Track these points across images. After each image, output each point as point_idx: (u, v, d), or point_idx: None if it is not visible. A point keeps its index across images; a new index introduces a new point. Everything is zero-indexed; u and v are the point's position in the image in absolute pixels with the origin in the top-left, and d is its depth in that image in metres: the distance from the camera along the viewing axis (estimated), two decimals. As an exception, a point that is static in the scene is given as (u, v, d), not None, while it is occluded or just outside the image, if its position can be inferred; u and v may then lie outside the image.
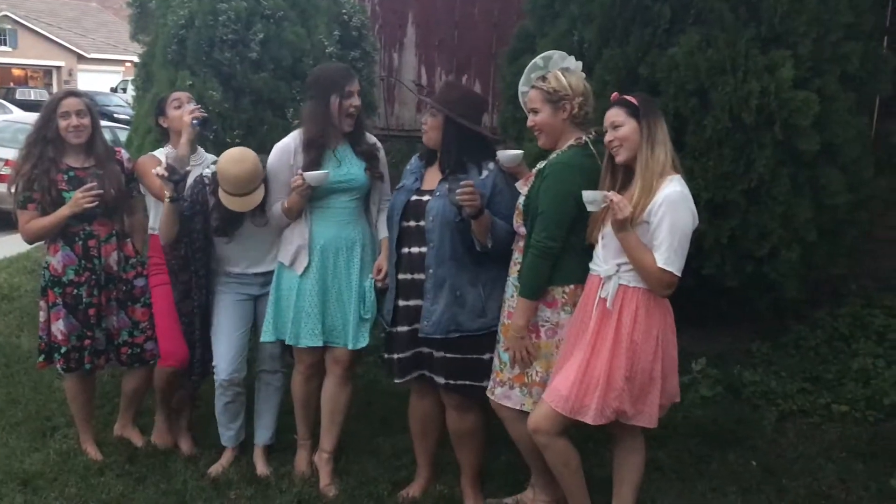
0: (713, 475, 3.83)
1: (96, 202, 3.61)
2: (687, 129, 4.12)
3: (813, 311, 4.96)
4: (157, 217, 3.82)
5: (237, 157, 3.48)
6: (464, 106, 3.34)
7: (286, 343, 3.69)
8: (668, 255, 2.84)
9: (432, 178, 3.42)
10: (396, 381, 3.49)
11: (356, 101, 3.53)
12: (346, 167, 3.58)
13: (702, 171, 4.08)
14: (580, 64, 3.24)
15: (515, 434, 3.29)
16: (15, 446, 3.99)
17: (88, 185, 3.62)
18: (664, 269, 2.85)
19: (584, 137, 3.14)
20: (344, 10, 5.61)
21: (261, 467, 3.84)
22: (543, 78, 3.16)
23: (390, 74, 7.51)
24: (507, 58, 5.25)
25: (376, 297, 3.61)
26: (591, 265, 3.05)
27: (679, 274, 2.88)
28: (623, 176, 3.00)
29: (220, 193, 3.52)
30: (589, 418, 2.94)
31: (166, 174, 3.47)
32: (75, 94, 3.79)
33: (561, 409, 2.96)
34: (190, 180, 3.68)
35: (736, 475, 3.83)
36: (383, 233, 3.62)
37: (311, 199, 3.55)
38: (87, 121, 3.71)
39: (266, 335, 3.70)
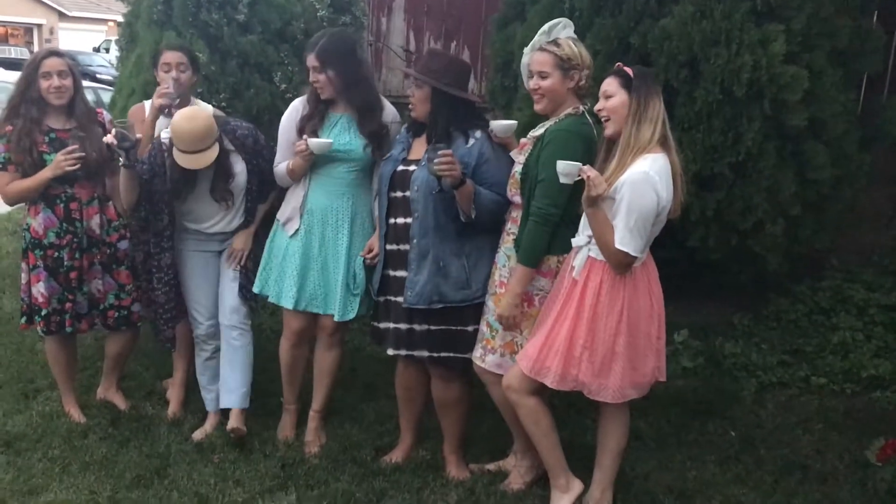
0: (692, 444, 3.88)
1: (78, 165, 3.57)
2: (677, 101, 4.11)
3: (794, 284, 5.01)
4: None
5: (190, 115, 3.49)
6: (450, 74, 3.29)
7: (269, 300, 3.75)
8: (622, 235, 2.85)
9: (419, 147, 3.39)
10: (390, 351, 3.50)
11: (310, 76, 3.50)
12: (348, 137, 3.55)
13: (690, 143, 4.07)
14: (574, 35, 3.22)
15: (498, 397, 3.32)
16: (-3, 408, 3.98)
17: (70, 148, 3.57)
18: (619, 249, 2.86)
19: (581, 108, 3.14)
20: (336, -26, 5.53)
21: (233, 421, 3.76)
22: (556, 43, 3.11)
23: (378, 39, 7.44)
24: (497, 24, 5.20)
25: (366, 271, 3.61)
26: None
27: (636, 255, 2.89)
28: (616, 148, 2.99)
29: (174, 152, 3.51)
30: (549, 381, 3.00)
31: (115, 142, 3.44)
32: (57, 53, 3.73)
33: (524, 369, 3.04)
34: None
35: (715, 445, 3.89)
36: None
37: (313, 164, 3.55)
38: (68, 82, 3.66)
39: (256, 286, 3.75)
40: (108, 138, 3.46)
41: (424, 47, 7.23)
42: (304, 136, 3.49)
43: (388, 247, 3.45)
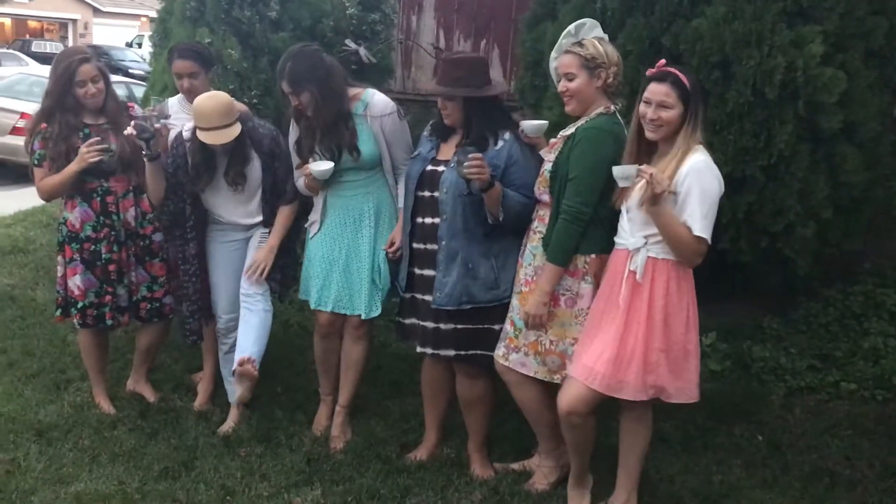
0: (719, 448, 3.86)
1: (101, 157, 3.60)
2: (709, 103, 4.07)
3: (825, 288, 4.95)
4: None
5: (210, 94, 3.59)
6: (475, 77, 3.27)
7: (300, 297, 3.83)
8: (700, 223, 2.82)
9: (448, 147, 3.39)
10: (417, 349, 3.52)
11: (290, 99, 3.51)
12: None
13: (722, 144, 4.04)
14: (605, 35, 3.20)
15: (520, 397, 3.31)
16: (30, 398, 4.05)
17: (92, 140, 3.61)
18: (699, 238, 2.83)
19: (612, 107, 3.13)
20: (367, -29, 5.56)
21: (240, 362, 3.59)
22: (580, 44, 3.10)
23: (408, 37, 7.45)
24: (527, 23, 5.19)
25: (389, 266, 3.63)
26: (617, 238, 3.03)
27: (708, 239, 2.86)
28: (647, 147, 2.97)
29: (198, 133, 3.56)
30: (627, 394, 2.93)
31: (135, 133, 3.50)
32: (87, 59, 3.70)
33: (598, 387, 2.93)
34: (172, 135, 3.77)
35: (741, 449, 3.86)
36: (402, 201, 3.60)
37: None
38: (101, 84, 3.70)
39: (301, 293, 3.83)
40: (128, 130, 3.52)
41: (454, 45, 7.24)
42: (312, 159, 3.54)
43: (415, 245, 3.45)
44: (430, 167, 3.39)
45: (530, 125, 3.29)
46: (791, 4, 4.01)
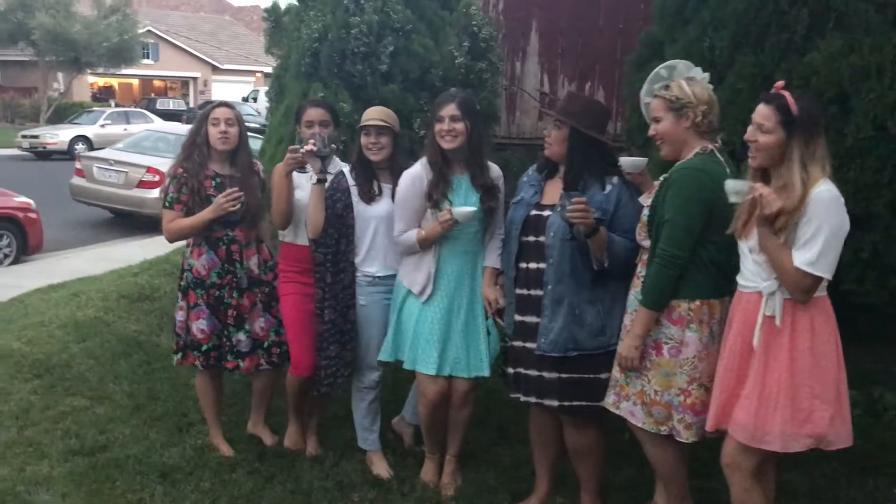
0: (851, 501, 3.64)
1: (238, 206, 3.77)
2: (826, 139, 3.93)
3: (963, 331, 4.65)
4: (296, 229, 3.92)
5: None
6: (589, 117, 3.29)
7: (404, 367, 3.71)
8: (808, 255, 2.63)
9: (553, 191, 3.35)
10: (511, 395, 3.49)
11: (445, 125, 3.51)
12: (475, 198, 3.57)
13: (841, 181, 3.84)
14: (707, 75, 3.14)
15: (653, 457, 3.20)
16: (155, 440, 4.21)
17: (230, 190, 3.78)
18: (800, 270, 2.64)
19: (710, 146, 3.04)
20: (474, 22, 5.66)
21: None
22: (666, 87, 3.07)
23: (512, 83, 7.53)
24: (634, 64, 5.17)
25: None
26: (741, 280, 2.89)
27: (825, 276, 2.67)
28: (762, 178, 2.82)
29: (362, 138, 3.75)
30: (775, 446, 2.76)
31: (314, 148, 3.61)
32: (227, 104, 3.99)
33: (740, 438, 2.81)
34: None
35: (877, 503, 3.62)
36: (489, 260, 3.63)
37: None
38: (235, 130, 3.89)
39: (384, 354, 3.75)
40: (309, 146, 3.64)
41: (558, 89, 7.26)
42: (448, 207, 3.49)
43: (519, 291, 3.42)
44: (534, 212, 3.38)
45: (629, 161, 3.26)
46: (913, 34, 3.85)
